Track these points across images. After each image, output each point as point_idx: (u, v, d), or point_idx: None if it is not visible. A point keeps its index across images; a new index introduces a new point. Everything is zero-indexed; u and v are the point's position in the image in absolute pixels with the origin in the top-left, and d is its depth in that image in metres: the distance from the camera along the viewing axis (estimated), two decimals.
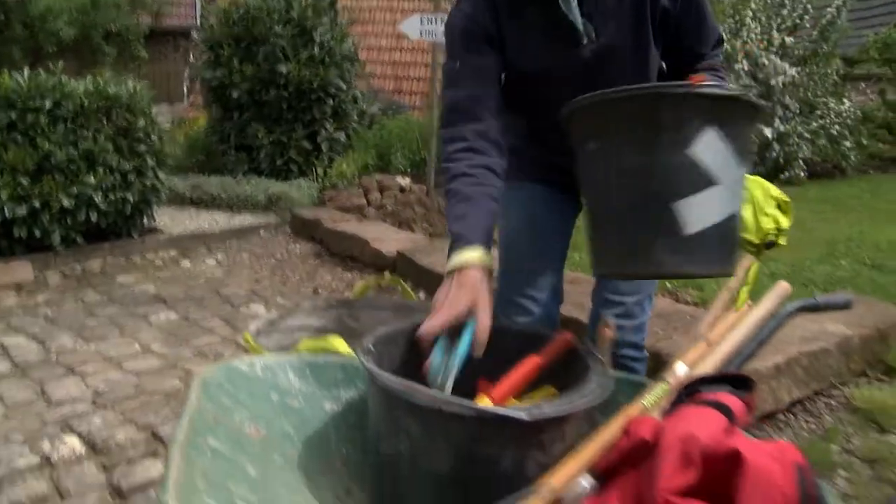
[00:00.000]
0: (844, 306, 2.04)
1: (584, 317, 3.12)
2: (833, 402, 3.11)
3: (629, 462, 1.30)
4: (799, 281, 4.60)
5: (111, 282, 5.41)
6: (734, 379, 1.45)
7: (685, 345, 1.99)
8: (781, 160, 8.34)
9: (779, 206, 1.64)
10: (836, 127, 8.64)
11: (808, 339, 3.15)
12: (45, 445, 2.85)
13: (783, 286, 2.16)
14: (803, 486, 1.15)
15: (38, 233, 5.44)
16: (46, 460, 2.76)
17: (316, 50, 7.80)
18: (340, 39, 8.12)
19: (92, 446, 2.87)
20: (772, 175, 8.35)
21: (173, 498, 0.98)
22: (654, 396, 1.52)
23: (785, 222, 1.65)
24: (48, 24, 10.67)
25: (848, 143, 8.73)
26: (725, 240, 1.43)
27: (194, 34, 14.27)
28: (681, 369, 1.68)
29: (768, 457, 1.18)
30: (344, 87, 8.06)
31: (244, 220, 7.09)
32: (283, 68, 7.64)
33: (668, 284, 4.36)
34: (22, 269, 5.43)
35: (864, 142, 9.24)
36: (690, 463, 1.19)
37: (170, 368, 3.66)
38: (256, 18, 7.84)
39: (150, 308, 4.71)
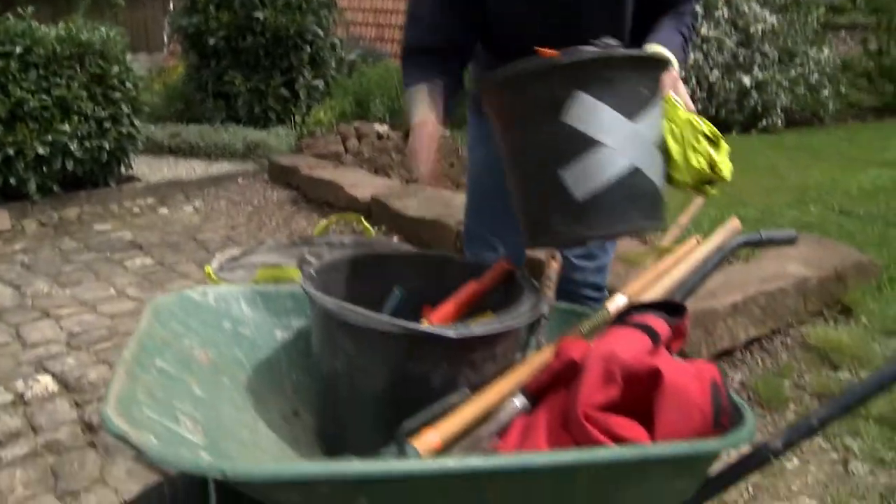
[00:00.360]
0: (788, 241, 2.11)
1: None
2: (789, 341, 3.21)
3: (560, 382, 1.36)
4: (767, 225, 4.67)
5: (88, 230, 5.42)
6: (668, 306, 1.51)
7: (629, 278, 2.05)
8: (759, 108, 8.36)
9: (712, 141, 1.66)
10: (815, 75, 8.65)
11: (766, 280, 3.23)
12: (20, 384, 2.91)
13: (734, 223, 2.22)
14: (717, 401, 1.23)
15: (13, 181, 5.43)
16: (20, 398, 2.82)
17: None
18: None
19: (65, 385, 2.94)
20: (749, 123, 8.38)
21: (112, 407, 1.03)
22: (591, 324, 1.58)
23: (719, 157, 1.67)
24: None
25: (826, 92, 8.75)
26: (634, 196, 1.41)
27: None
28: (621, 300, 1.75)
29: (686, 375, 1.25)
30: (321, 33, 7.99)
31: (222, 167, 7.08)
32: (259, 14, 7.57)
33: None
34: None
35: (844, 91, 9.26)
36: (612, 380, 1.25)
37: (143, 311, 3.70)
38: None
39: (125, 254, 4.74)
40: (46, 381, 2.92)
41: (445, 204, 4.54)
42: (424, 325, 1.23)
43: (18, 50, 5.41)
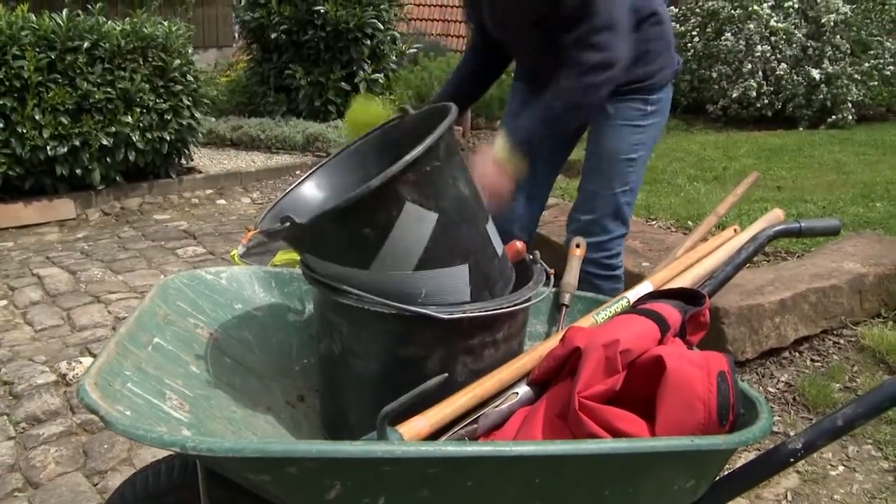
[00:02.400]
0: (831, 232, 2.00)
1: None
2: (842, 342, 3.07)
3: (565, 370, 1.31)
4: None
5: (147, 219, 5.54)
6: (687, 295, 1.45)
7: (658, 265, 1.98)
8: (829, 103, 8.08)
9: None
10: (891, 68, 8.31)
11: (819, 276, 3.10)
12: (63, 365, 2.98)
13: (776, 212, 2.13)
14: (723, 394, 1.16)
15: (79, 171, 5.58)
16: (63, 378, 2.89)
17: None
18: None
19: None
20: (818, 119, 8.11)
21: (90, 378, 1.03)
22: (608, 312, 1.53)
23: None
24: None
25: None
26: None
27: None
28: (645, 288, 1.69)
29: (691, 364, 1.18)
30: (382, 27, 8.00)
31: (281, 160, 7.17)
32: (320, 8, 7.62)
33: (690, 223, 4.31)
34: (65, 207, 5.60)
35: None
36: (612, 368, 1.20)
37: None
38: None
39: (179, 242, 4.83)
40: (88, 364, 2.97)
41: None
42: (416, 307, 1.19)
43: (86, 45, 5.55)
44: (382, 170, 1.29)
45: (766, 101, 8.33)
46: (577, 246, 1.81)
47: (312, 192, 1.48)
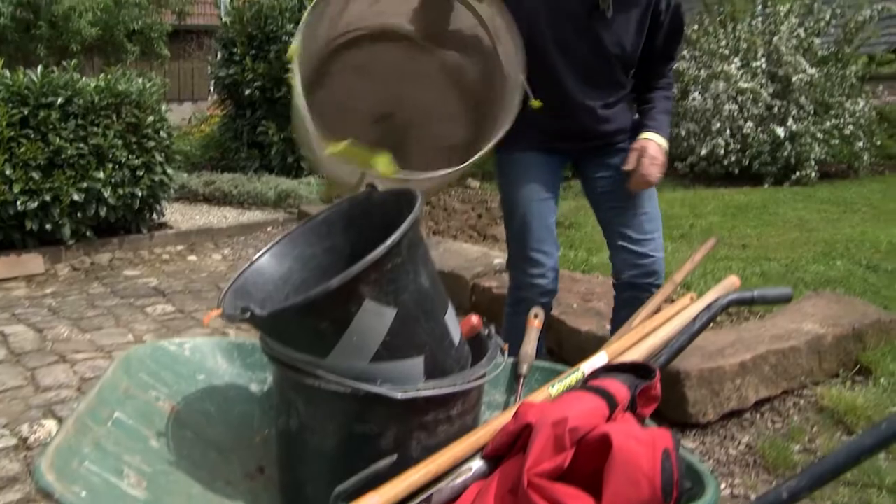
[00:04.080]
0: (782, 300, 2.07)
1: None
2: (802, 402, 3.12)
3: (517, 445, 1.34)
4: (790, 281, 4.57)
5: (117, 275, 5.53)
6: (639, 369, 1.49)
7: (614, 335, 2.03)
8: (793, 160, 8.27)
9: None
10: (850, 127, 8.54)
11: (779, 337, 3.16)
12: (25, 428, 2.95)
13: (731, 280, 2.19)
14: (667, 471, 1.20)
15: (49, 226, 5.57)
16: (23, 442, 2.86)
17: None
18: None
19: None
20: (782, 175, 8.29)
21: (47, 459, 1.05)
22: (563, 384, 1.57)
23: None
24: (72, 22, 10.87)
25: (861, 144, 8.63)
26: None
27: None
28: (600, 359, 1.73)
29: (637, 442, 1.22)
30: None
31: (253, 216, 7.20)
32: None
33: None
34: (33, 262, 5.58)
35: (879, 142, 9.13)
36: (561, 446, 1.23)
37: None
38: (269, 17, 7.95)
39: (148, 300, 4.82)
40: (51, 427, 2.96)
41: (465, 257, 4.55)
42: (370, 385, 1.22)
43: (60, 100, 5.59)
44: (348, 242, 1.33)
45: (733, 159, 8.50)
46: (536, 317, 1.86)
47: (278, 262, 1.51)
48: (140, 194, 6.04)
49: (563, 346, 3.34)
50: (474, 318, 1.54)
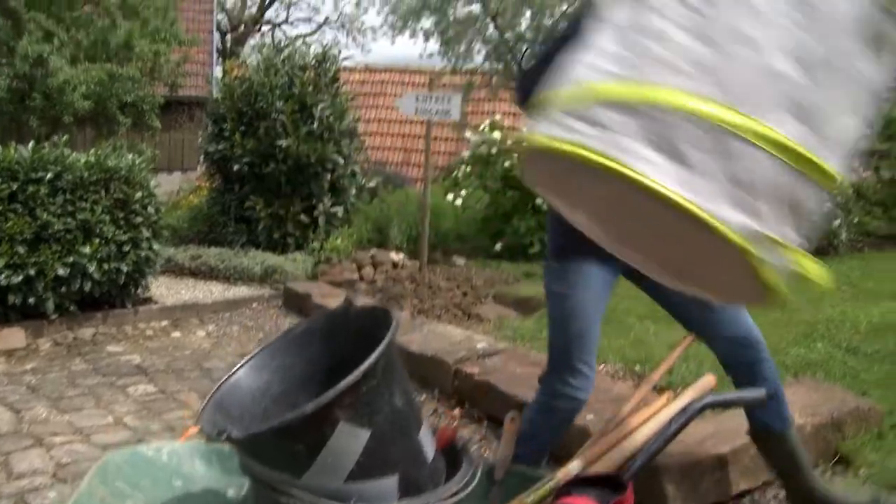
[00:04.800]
0: (756, 403, 2.10)
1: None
2: (782, 494, 3.11)
3: None
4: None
5: (100, 351, 5.50)
6: (612, 480, 1.51)
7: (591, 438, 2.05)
8: None
9: None
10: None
11: None
12: None
13: (707, 380, 2.23)
14: None
15: (32, 300, 5.57)
16: None
17: (315, 125, 8.03)
18: (340, 115, 8.35)
19: None
20: None
21: None
22: (538, 494, 1.58)
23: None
24: (66, 95, 11.00)
25: (838, 221, 8.76)
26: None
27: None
28: (575, 467, 1.75)
29: None
30: (342, 162, 8.25)
31: (239, 291, 7.21)
32: (282, 142, 7.86)
33: (638, 367, 4.40)
34: (14, 336, 5.55)
35: (857, 219, 9.27)
36: None
37: (136, 442, 3.72)
38: (259, 94, 8.10)
39: (130, 379, 4.79)
40: None
41: (448, 340, 4.56)
42: None
43: (49, 175, 5.64)
44: (327, 353, 1.36)
45: None
46: (512, 419, 1.88)
47: (256, 374, 1.53)
48: (126, 269, 6.05)
49: None
50: (449, 430, 1.56)
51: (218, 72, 16.84)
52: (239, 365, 1.48)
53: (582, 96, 1.32)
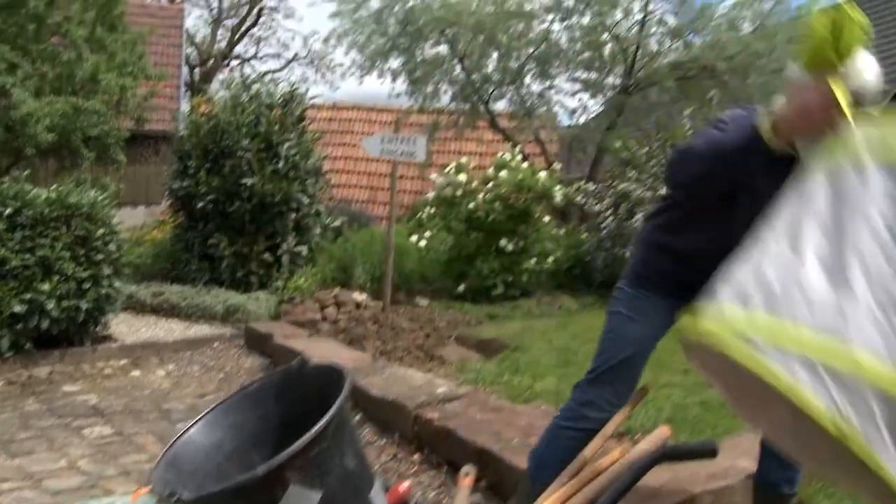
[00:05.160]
0: (707, 455, 2.13)
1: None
2: None
3: None
4: (730, 411, 4.62)
5: (55, 390, 5.41)
6: None
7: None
8: None
9: None
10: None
11: (714, 476, 3.20)
12: None
13: (662, 431, 2.26)
14: None
15: None
16: None
17: (281, 164, 8.04)
18: (306, 155, 8.37)
19: None
20: None
21: None
22: None
23: None
24: (29, 127, 10.91)
25: None
26: None
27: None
28: None
29: None
30: (307, 201, 8.25)
31: (200, 330, 7.15)
32: (247, 181, 7.85)
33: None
34: None
35: None
36: None
37: (89, 488, 3.64)
38: (225, 131, 8.10)
39: (86, 420, 4.71)
40: None
41: (409, 385, 4.56)
42: None
43: (8, 211, 5.58)
44: (281, 411, 1.37)
45: None
46: (467, 474, 1.88)
47: (210, 430, 1.52)
48: (85, 307, 5.98)
49: (502, 485, 3.34)
50: (402, 486, 1.57)
51: (185, 106, 16.82)
52: (192, 422, 1.48)
53: (786, 337, 1.47)
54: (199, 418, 1.49)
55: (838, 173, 1.75)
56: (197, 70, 27.38)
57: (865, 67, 2.08)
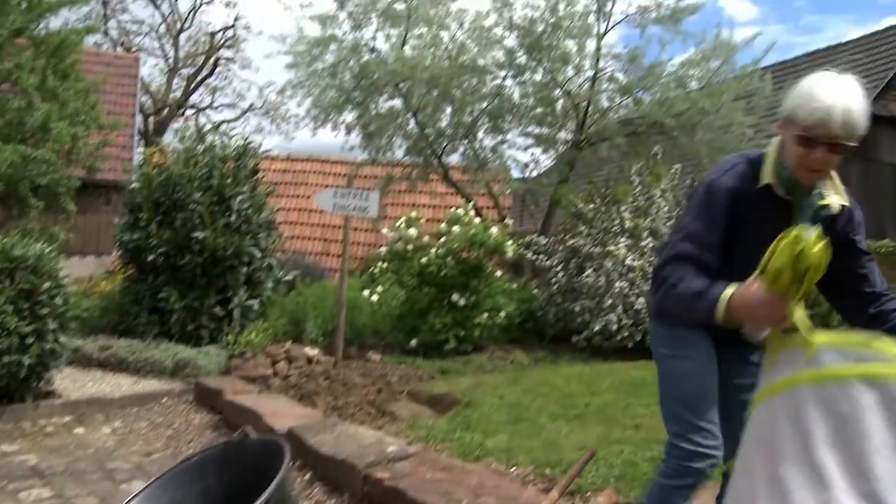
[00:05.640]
0: None
1: None
2: None
3: None
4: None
5: None
6: None
7: None
8: None
9: None
10: None
11: None
12: None
13: (607, 494, 2.27)
14: None
15: None
16: None
17: (233, 218, 8.01)
18: (259, 208, 8.36)
19: None
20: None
21: None
22: None
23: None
24: None
25: None
26: None
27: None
28: None
29: None
30: (259, 255, 8.22)
31: (149, 385, 7.01)
32: (199, 234, 7.80)
33: (549, 470, 4.42)
34: None
35: None
36: None
37: None
38: (177, 184, 8.06)
39: (23, 483, 4.56)
40: None
41: (359, 443, 4.52)
42: None
43: None
44: (221, 484, 1.36)
45: (626, 334, 8.83)
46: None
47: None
48: (28, 362, 5.84)
49: None
50: None
51: (139, 155, 16.69)
52: (129, 499, 1.46)
53: None
54: (136, 495, 1.48)
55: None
56: (151, 119, 27.29)
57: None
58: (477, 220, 9.12)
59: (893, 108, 18.93)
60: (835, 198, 2.41)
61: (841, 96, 2.16)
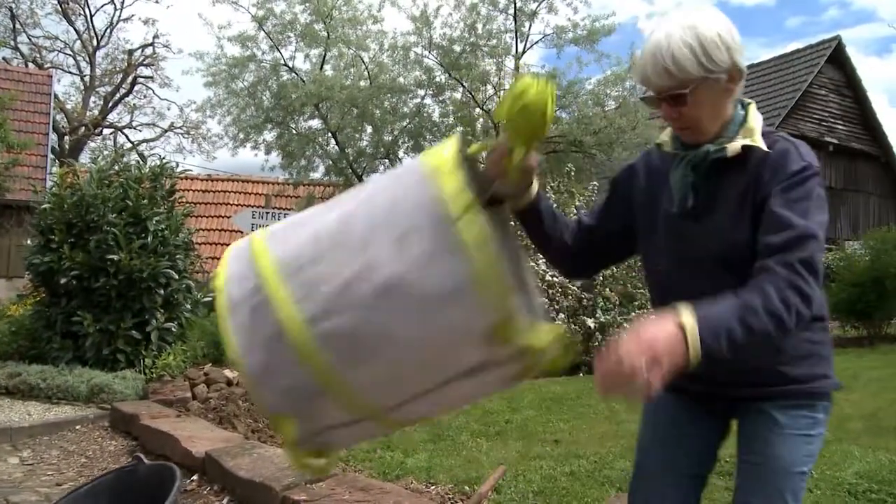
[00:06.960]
0: None
1: None
2: None
3: None
4: (598, 479, 4.72)
5: None
6: None
7: None
8: (593, 354, 8.80)
9: None
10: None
11: None
12: None
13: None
14: None
15: None
16: None
17: (149, 239, 7.87)
18: (176, 229, 8.23)
19: None
20: (590, 365, 8.78)
21: None
22: None
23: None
24: None
25: None
26: None
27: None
28: None
29: None
30: (176, 276, 8.08)
31: (61, 412, 6.81)
32: (114, 256, 7.64)
33: (468, 488, 4.45)
34: None
35: None
36: None
37: None
38: (91, 205, 7.88)
39: None
40: None
41: (276, 465, 4.47)
42: None
43: None
44: None
45: None
46: None
47: None
48: None
49: None
50: None
51: (53, 175, 16.25)
52: None
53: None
54: None
55: None
56: (67, 138, 26.56)
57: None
58: None
59: (803, 128, 19.77)
60: (738, 141, 1.89)
61: (651, 44, 1.83)
